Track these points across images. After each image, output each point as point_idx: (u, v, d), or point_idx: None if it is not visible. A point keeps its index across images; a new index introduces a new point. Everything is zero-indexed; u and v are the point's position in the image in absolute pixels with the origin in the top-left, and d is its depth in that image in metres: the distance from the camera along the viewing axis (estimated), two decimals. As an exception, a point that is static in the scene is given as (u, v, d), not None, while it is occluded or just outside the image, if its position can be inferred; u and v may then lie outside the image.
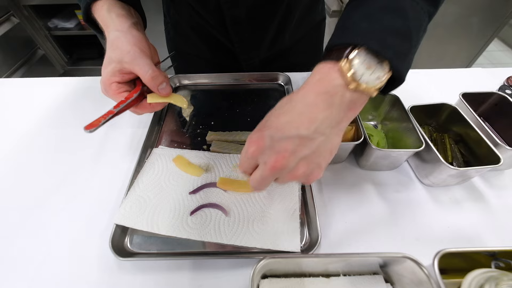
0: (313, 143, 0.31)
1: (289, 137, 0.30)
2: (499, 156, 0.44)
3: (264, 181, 0.33)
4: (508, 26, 1.68)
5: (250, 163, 0.34)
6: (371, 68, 0.30)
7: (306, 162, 0.31)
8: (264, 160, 0.31)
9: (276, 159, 0.30)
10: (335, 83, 0.30)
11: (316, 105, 0.31)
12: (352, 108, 0.32)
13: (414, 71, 0.77)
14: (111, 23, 0.43)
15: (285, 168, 0.31)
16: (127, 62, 0.40)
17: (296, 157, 0.31)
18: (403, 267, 0.34)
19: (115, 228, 0.43)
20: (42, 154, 0.58)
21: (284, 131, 0.31)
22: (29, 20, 1.99)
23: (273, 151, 0.31)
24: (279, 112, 0.33)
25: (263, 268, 0.34)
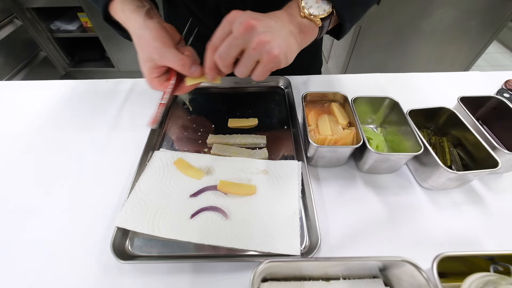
0: (279, 31, 0.39)
1: (264, 20, 0.38)
2: (497, 160, 0.44)
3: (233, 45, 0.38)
4: (507, 29, 1.69)
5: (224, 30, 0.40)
6: (319, 3, 0.42)
7: (272, 34, 0.38)
8: (241, 20, 0.38)
9: (251, 18, 0.37)
10: (293, 11, 0.42)
11: (282, 19, 0.41)
12: (303, 29, 0.42)
13: (413, 74, 0.77)
14: (128, 22, 0.47)
15: (255, 29, 0.37)
16: (156, 59, 0.44)
17: (265, 25, 0.38)
18: (403, 270, 0.35)
19: (116, 231, 0.43)
20: (43, 157, 0.58)
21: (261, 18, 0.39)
22: (31, 22, 2.00)
23: (249, 16, 0.38)
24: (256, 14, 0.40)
25: (263, 271, 0.35)
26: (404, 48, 1.73)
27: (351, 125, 0.55)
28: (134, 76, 0.77)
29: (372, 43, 1.68)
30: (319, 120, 0.56)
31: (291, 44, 0.40)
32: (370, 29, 1.59)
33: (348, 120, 0.56)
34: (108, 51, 2.20)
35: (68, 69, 2.36)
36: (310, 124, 0.56)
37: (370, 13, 1.53)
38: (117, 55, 2.24)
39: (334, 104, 0.59)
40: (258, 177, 0.51)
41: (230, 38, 0.38)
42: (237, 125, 0.62)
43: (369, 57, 1.77)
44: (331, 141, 0.52)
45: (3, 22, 1.82)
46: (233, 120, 0.63)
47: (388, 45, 1.70)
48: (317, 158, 0.52)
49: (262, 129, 0.62)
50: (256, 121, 0.63)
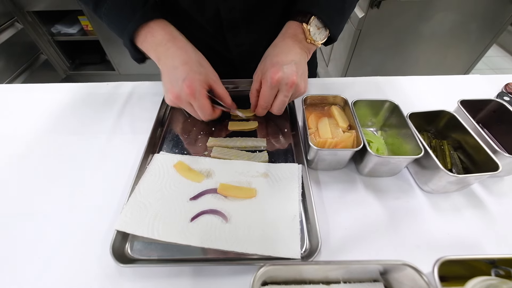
0: (301, 65, 0.52)
1: (290, 64, 0.50)
2: (497, 163, 0.44)
3: (286, 100, 0.53)
4: (507, 32, 1.70)
5: (273, 92, 0.52)
6: (319, 30, 0.53)
7: (303, 78, 0.52)
8: (285, 82, 0.49)
9: (293, 79, 0.49)
10: (300, 37, 0.53)
11: (294, 47, 0.53)
12: (309, 50, 0.55)
13: (413, 77, 0.78)
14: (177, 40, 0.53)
15: (297, 84, 0.50)
16: (212, 79, 0.53)
17: (299, 75, 0.50)
18: (403, 274, 0.34)
19: (115, 234, 0.43)
20: (43, 160, 0.58)
21: (286, 62, 0.50)
22: (32, 25, 2.02)
23: (289, 75, 0.49)
24: (274, 54, 0.53)
25: (263, 275, 0.34)
26: (404, 51, 1.74)
27: (351, 128, 0.55)
28: (135, 79, 0.78)
29: (372, 47, 1.69)
30: (319, 123, 0.56)
31: (306, 75, 0.54)
32: (370, 33, 1.60)
33: (348, 123, 0.56)
34: (109, 54, 2.21)
35: (68, 72, 2.37)
36: (310, 127, 0.56)
37: (370, 16, 1.55)
38: (117, 58, 2.25)
39: (334, 107, 0.59)
40: (258, 180, 0.51)
41: (282, 98, 0.52)
42: (237, 128, 0.62)
43: (369, 60, 1.78)
44: (332, 144, 0.52)
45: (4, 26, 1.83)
46: (233, 123, 0.63)
47: (388, 48, 1.71)
48: (318, 161, 0.52)
49: (262, 132, 0.62)
50: (256, 124, 0.63)
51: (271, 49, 0.54)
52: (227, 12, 0.61)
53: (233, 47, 0.69)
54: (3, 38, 1.81)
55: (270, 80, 0.49)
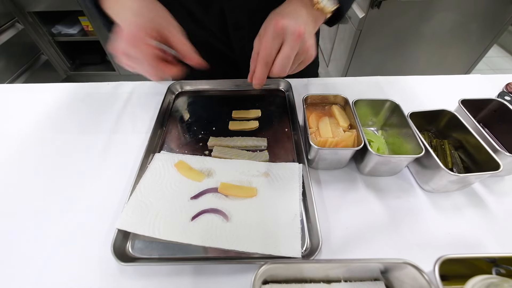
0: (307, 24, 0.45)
1: (298, 18, 0.44)
2: (498, 162, 0.44)
3: (291, 55, 0.43)
4: (508, 33, 1.70)
5: (276, 42, 0.43)
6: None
7: (310, 35, 0.45)
8: (291, 31, 0.42)
9: (300, 28, 0.42)
10: (307, 3, 0.47)
11: (301, 11, 0.46)
12: (316, 19, 0.48)
13: (414, 77, 0.78)
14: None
15: (305, 36, 0.42)
16: (164, 26, 0.44)
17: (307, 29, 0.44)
18: (404, 273, 0.34)
19: (116, 233, 0.43)
20: (44, 159, 0.58)
21: (295, 15, 0.44)
22: (33, 26, 2.02)
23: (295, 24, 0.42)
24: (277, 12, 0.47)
25: (264, 273, 0.34)
26: (404, 51, 1.74)
27: (352, 127, 0.55)
28: (135, 79, 0.78)
29: (373, 47, 1.69)
30: (320, 123, 0.56)
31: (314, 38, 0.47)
32: (371, 32, 1.60)
33: (349, 122, 0.56)
34: (109, 54, 2.22)
35: (69, 72, 2.37)
36: (311, 127, 0.56)
37: (371, 16, 1.55)
38: (118, 58, 2.25)
39: (335, 107, 0.59)
40: (259, 179, 0.51)
41: (287, 50, 0.43)
42: (238, 127, 0.62)
43: (370, 60, 1.78)
44: (332, 143, 0.52)
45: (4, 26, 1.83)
46: (234, 122, 0.63)
47: (388, 48, 1.71)
48: (318, 161, 0.52)
49: (263, 132, 0.62)
50: (257, 124, 0.63)
51: (273, 12, 0.48)
52: (231, 11, 0.60)
53: (236, 47, 0.69)
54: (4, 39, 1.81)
55: (273, 27, 0.42)
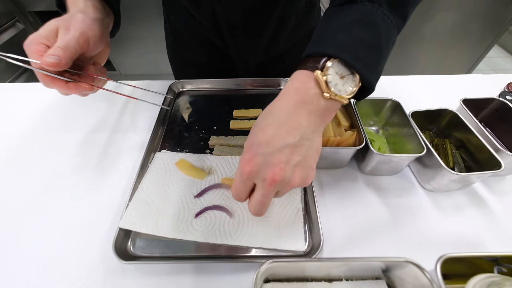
0: (301, 149, 0.32)
1: (279, 149, 0.31)
2: (500, 161, 0.44)
3: (266, 200, 0.34)
4: (508, 33, 1.69)
5: (246, 185, 0.34)
6: (344, 79, 0.32)
7: (300, 167, 0.33)
8: (262, 177, 0.32)
9: (274, 173, 0.31)
10: (311, 92, 0.32)
11: (297, 114, 0.32)
12: (326, 114, 0.34)
13: (415, 77, 0.78)
14: (83, 6, 0.43)
15: (284, 180, 0.31)
16: (60, 33, 0.39)
17: (290, 166, 0.32)
18: (406, 271, 0.34)
19: (118, 232, 0.43)
20: (45, 158, 0.58)
21: (273, 144, 0.31)
22: (34, 25, 2.01)
23: (269, 166, 0.31)
24: (263, 125, 0.33)
25: (266, 272, 0.34)
26: (405, 52, 1.74)
27: (353, 126, 0.55)
28: (136, 79, 0.78)
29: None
30: (321, 122, 0.56)
31: (319, 150, 0.35)
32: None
33: (350, 121, 0.56)
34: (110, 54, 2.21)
35: (70, 72, 2.37)
36: (312, 126, 0.56)
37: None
38: (118, 58, 2.25)
39: (336, 106, 0.59)
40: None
41: (258, 196, 0.34)
42: (239, 126, 0.62)
43: (370, 60, 1.77)
44: (334, 142, 0.52)
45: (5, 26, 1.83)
46: (235, 121, 0.63)
47: (389, 48, 1.71)
48: (320, 160, 0.52)
49: (264, 131, 0.62)
50: (258, 123, 0.63)
51: (261, 116, 0.35)
52: (222, 11, 0.60)
53: (230, 44, 0.69)
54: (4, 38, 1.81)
55: (241, 170, 0.33)
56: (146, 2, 1.75)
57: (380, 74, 0.37)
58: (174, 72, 0.90)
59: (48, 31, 0.39)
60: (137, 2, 1.76)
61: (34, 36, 0.39)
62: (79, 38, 0.40)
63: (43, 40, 0.39)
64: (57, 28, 0.40)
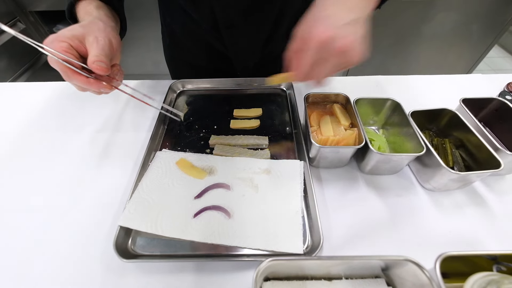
0: (359, 24, 0.37)
1: (347, 22, 0.36)
2: (499, 161, 0.45)
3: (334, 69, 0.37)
4: (508, 33, 1.69)
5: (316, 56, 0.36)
6: None
7: (361, 42, 0.37)
8: (335, 45, 0.35)
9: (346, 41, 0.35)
10: None
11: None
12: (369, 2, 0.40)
13: (415, 76, 0.78)
14: (97, 15, 0.46)
15: (354, 49, 0.36)
16: (89, 41, 0.41)
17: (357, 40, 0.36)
18: (405, 270, 0.35)
19: (119, 230, 0.43)
20: (46, 157, 0.59)
21: (341, 17, 0.36)
22: (34, 25, 2.02)
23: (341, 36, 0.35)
24: (322, 6, 0.38)
25: (266, 270, 0.35)
26: (405, 52, 1.74)
27: (353, 126, 0.55)
28: (136, 78, 0.78)
29: (373, 47, 1.67)
30: (321, 121, 0.56)
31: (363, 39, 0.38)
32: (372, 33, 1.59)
33: (350, 121, 0.56)
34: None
35: (70, 71, 2.37)
36: (312, 125, 0.56)
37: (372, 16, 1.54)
38: (119, 58, 2.25)
39: (336, 105, 0.59)
40: (261, 176, 0.51)
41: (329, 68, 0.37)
42: (240, 126, 0.63)
43: (370, 60, 1.76)
44: (333, 141, 0.52)
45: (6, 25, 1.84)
46: (236, 121, 0.63)
47: (389, 49, 1.71)
48: (319, 159, 0.52)
49: (264, 130, 0.62)
50: (258, 122, 0.63)
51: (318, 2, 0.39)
52: (221, 10, 0.61)
53: (229, 44, 0.69)
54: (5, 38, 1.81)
55: (313, 40, 0.35)
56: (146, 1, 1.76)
57: None
58: (172, 74, 0.90)
59: (73, 35, 0.41)
60: (137, 2, 1.76)
61: (57, 35, 0.41)
62: (110, 45, 0.43)
63: (67, 40, 0.41)
64: (83, 35, 0.42)
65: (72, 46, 0.41)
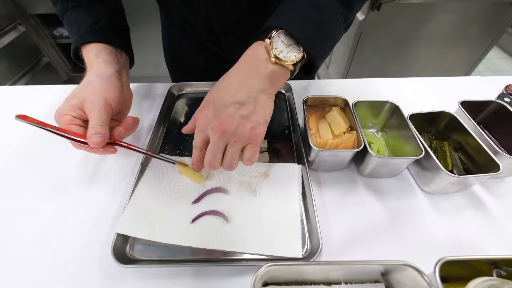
0: (248, 105, 0.38)
1: (228, 105, 0.37)
2: (498, 164, 0.44)
3: (217, 150, 0.38)
4: (507, 34, 1.70)
5: (201, 135, 0.40)
6: (289, 47, 0.39)
7: (246, 120, 0.38)
8: (211, 127, 0.38)
9: (220, 122, 0.37)
10: (261, 57, 0.39)
11: (247, 75, 0.39)
12: (274, 78, 0.40)
13: (413, 79, 0.78)
14: (96, 67, 0.48)
15: (229, 129, 0.37)
16: (87, 107, 0.43)
17: (236, 118, 0.37)
18: (404, 275, 0.34)
19: (116, 235, 0.43)
20: (44, 161, 0.58)
21: (224, 100, 0.38)
22: (35, 28, 2.02)
23: (216, 117, 0.37)
24: (219, 85, 0.40)
25: (264, 275, 0.34)
26: (404, 53, 1.74)
27: (352, 129, 0.55)
28: (136, 81, 0.78)
29: (373, 49, 1.69)
30: (320, 124, 0.56)
31: (266, 110, 0.40)
32: (371, 35, 1.60)
33: (348, 124, 0.56)
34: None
35: (70, 74, 2.38)
36: (311, 128, 0.56)
37: (371, 19, 1.55)
38: (119, 60, 2.26)
39: (335, 108, 0.59)
40: (259, 180, 0.51)
41: (211, 146, 0.39)
42: None
43: (370, 62, 1.78)
44: (332, 145, 0.52)
45: (6, 28, 1.84)
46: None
47: (388, 50, 1.71)
48: (318, 162, 0.52)
49: (263, 133, 0.62)
50: (257, 125, 0.63)
51: (220, 79, 0.42)
52: (218, 18, 0.61)
53: (226, 49, 0.69)
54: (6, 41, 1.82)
55: (196, 123, 0.41)
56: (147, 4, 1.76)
57: (326, 54, 0.44)
58: (172, 76, 0.90)
59: (72, 106, 0.43)
60: (138, 4, 1.77)
61: (61, 109, 0.44)
62: (106, 107, 0.44)
63: (69, 112, 0.43)
64: (81, 103, 0.44)
65: (75, 117, 0.43)
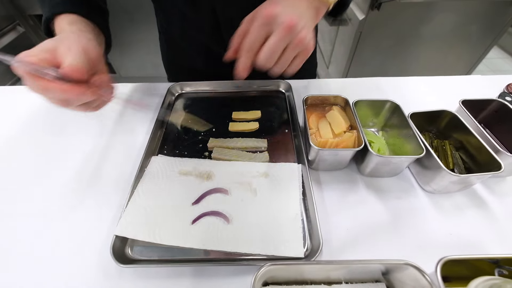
0: (304, 16, 0.39)
1: (294, 9, 0.39)
2: (500, 162, 0.44)
3: (278, 46, 0.38)
4: (508, 34, 1.69)
5: (262, 29, 0.38)
6: None
7: (307, 30, 0.39)
8: (280, 21, 0.37)
9: (291, 18, 0.36)
10: None
11: (300, 1, 0.41)
12: (317, 11, 0.44)
13: (414, 78, 0.78)
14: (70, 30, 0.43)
15: (297, 28, 0.37)
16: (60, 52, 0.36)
17: (303, 20, 0.38)
18: (406, 274, 0.34)
19: (115, 236, 0.43)
20: (43, 161, 0.58)
21: (292, 5, 0.39)
22: (34, 29, 2.02)
23: (287, 14, 0.37)
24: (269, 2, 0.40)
25: (264, 275, 0.34)
26: (404, 53, 1.74)
27: (352, 128, 0.55)
28: (135, 81, 0.78)
29: (373, 49, 1.69)
30: (320, 124, 0.56)
31: (312, 32, 0.41)
32: (371, 34, 1.60)
33: (349, 123, 0.55)
34: (110, 57, 2.22)
35: (70, 74, 2.38)
36: (311, 128, 0.56)
37: (371, 18, 1.55)
38: (118, 61, 2.25)
39: (335, 108, 0.59)
40: (259, 180, 0.51)
41: (274, 41, 0.38)
42: (238, 128, 0.62)
43: (370, 62, 1.78)
44: (333, 144, 0.52)
45: (6, 29, 1.84)
46: (234, 123, 0.63)
47: (389, 50, 1.71)
48: (319, 162, 0.52)
49: (263, 133, 0.62)
50: (257, 125, 0.63)
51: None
52: (222, 10, 0.60)
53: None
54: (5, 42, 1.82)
55: (262, 14, 0.38)
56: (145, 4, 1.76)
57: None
58: (171, 80, 0.90)
59: (42, 49, 0.37)
60: (136, 5, 1.77)
61: (25, 52, 0.36)
62: (85, 54, 0.38)
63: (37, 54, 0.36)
64: (54, 47, 0.37)
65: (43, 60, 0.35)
